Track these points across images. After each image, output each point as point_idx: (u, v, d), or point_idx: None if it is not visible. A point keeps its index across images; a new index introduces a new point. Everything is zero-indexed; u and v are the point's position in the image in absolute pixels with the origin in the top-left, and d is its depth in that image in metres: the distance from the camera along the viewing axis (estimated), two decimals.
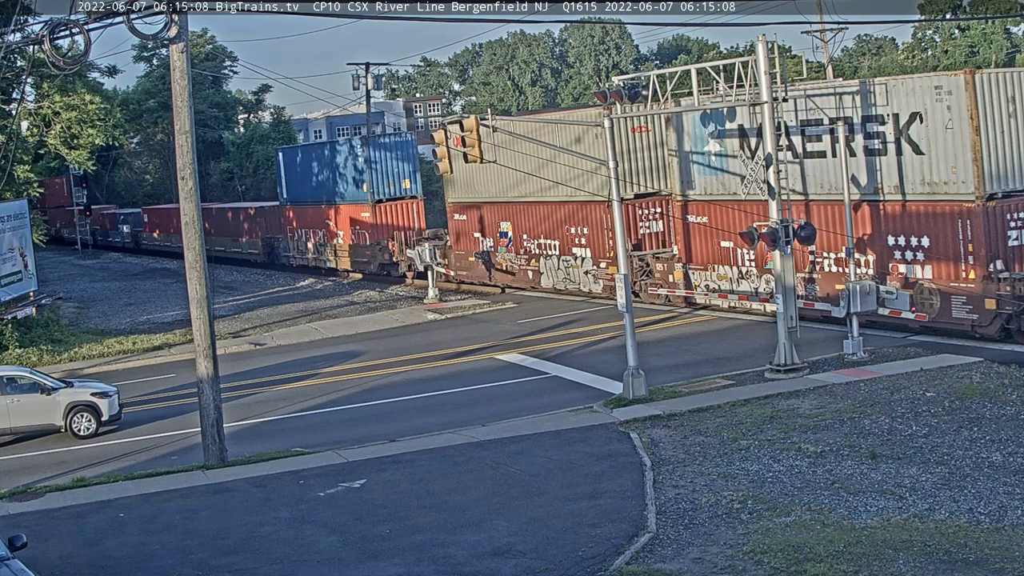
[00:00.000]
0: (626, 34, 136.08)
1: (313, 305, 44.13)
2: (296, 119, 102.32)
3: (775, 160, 25.25)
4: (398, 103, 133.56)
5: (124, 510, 19.03)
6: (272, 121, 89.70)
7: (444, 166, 28.56)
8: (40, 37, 21.82)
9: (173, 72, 21.64)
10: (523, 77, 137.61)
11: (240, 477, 20.56)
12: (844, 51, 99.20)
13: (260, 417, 26.32)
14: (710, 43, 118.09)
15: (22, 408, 25.23)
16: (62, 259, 73.79)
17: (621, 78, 28.13)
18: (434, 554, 15.64)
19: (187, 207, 21.89)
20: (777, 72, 25.36)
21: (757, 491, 17.24)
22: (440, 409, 25.50)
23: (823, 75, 46.91)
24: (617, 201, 25.26)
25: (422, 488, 18.96)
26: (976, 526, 15.13)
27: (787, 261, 25.39)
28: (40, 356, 34.76)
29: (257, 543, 16.79)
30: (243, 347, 36.00)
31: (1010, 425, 19.65)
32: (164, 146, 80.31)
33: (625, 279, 24.73)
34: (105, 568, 16.24)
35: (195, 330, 22.11)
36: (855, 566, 13.83)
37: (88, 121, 39.26)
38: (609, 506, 17.09)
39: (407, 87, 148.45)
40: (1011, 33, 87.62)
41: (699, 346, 29.93)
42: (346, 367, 31.54)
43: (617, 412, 23.07)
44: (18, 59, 37.03)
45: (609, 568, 14.56)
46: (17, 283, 37.52)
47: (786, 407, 22.19)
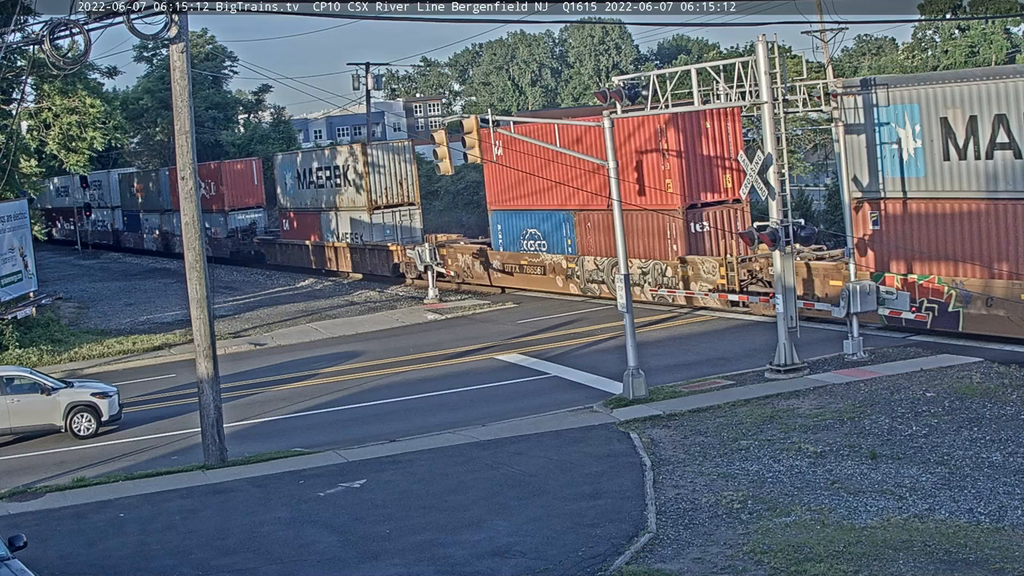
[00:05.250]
0: (626, 34, 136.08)
1: (313, 305, 44.12)
2: (296, 119, 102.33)
3: (775, 160, 25.26)
4: (398, 103, 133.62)
5: (124, 510, 19.03)
6: (272, 121, 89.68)
7: (445, 166, 28.58)
8: (40, 37, 21.84)
9: (173, 72, 21.64)
10: (523, 77, 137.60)
11: (240, 477, 20.56)
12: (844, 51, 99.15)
13: (260, 417, 26.32)
14: (710, 43, 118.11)
15: (22, 408, 25.22)
16: (62, 259, 73.77)
17: (621, 78, 28.11)
18: (434, 554, 15.64)
19: (187, 207, 21.89)
20: (777, 72, 25.36)
21: (757, 491, 17.24)
22: (440, 409, 25.50)
23: (823, 75, 46.84)
24: (617, 201, 25.25)
25: (422, 488, 18.96)
26: (976, 526, 15.13)
27: (787, 261, 25.40)
28: (40, 356, 34.76)
29: (257, 543, 16.79)
30: (243, 347, 36.00)
31: (1010, 425, 19.66)
32: (164, 146, 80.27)
33: (625, 279, 24.73)
34: (105, 568, 16.24)
35: (195, 330, 22.12)
36: (855, 566, 13.83)
37: (88, 123, 39.27)
38: (609, 506, 17.09)
39: (407, 87, 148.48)
40: (1011, 33, 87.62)
41: (699, 346, 29.94)
42: (346, 367, 31.54)
43: (617, 412, 23.07)
44: (18, 59, 37.01)
45: (609, 568, 14.56)
46: (17, 283, 37.53)
47: (786, 407, 22.19)
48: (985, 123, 25.19)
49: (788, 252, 25.34)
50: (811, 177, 61.54)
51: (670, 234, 34.20)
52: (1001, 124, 24.92)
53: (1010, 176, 25.00)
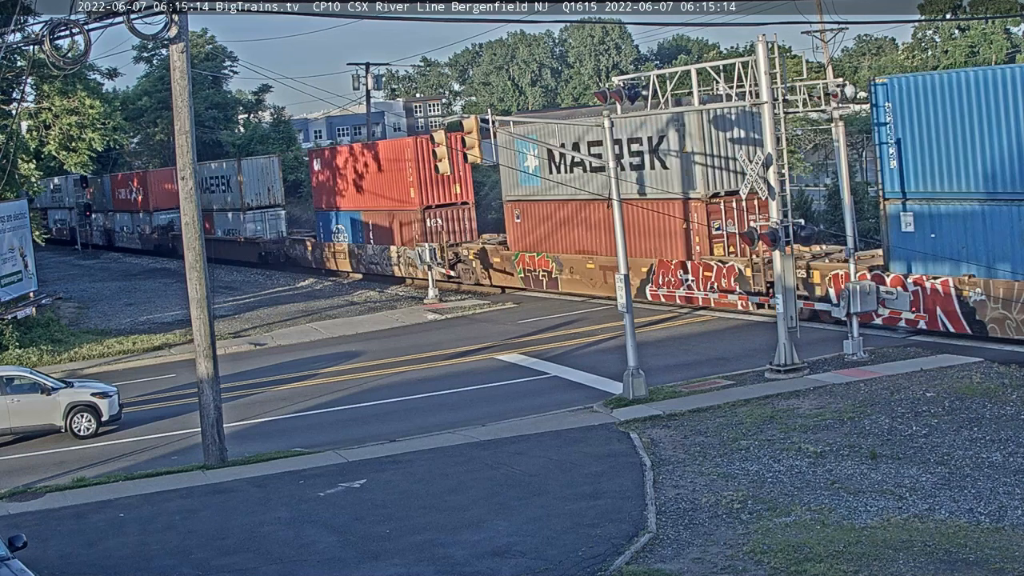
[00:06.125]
0: (626, 34, 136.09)
1: (313, 305, 44.13)
2: (296, 119, 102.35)
3: (775, 160, 25.25)
4: (398, 103, 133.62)
5: (124, 510, 19.03)
6: (272, 121, 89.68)
7: (444, 166, 28.58)
8: (40, 37, 21.82)
9: (173, 72, 21.64)
10: (523, 77, 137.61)
11: (240, 477, 20.56)
12: (844, 51, 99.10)
13: (260, 417, 26.32)
14: (710, 43, 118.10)
15: (22, 408, 25.22)
16: (62, 259, 73.80)
17: (621, 78, 28.11)
18: (434, 554, 15.64)
19: (187, 207, 21.89)
20: (777, 72, 25.37)
21: (757, 491, 17.24)
22: (440, 409, 25.50)
23: (823, 75, 46.85)
24: (617, 201, 25.26)
25: (422, 488, 18.96)
26: (976, 526, 15.13)
27: (787, 261, 25.39)
28: (40, 356, 34.76)
29: (257, 543, 16.79)
30: (243, 347, 36.01)
31: (1010, 425, 19.66)
32: (164, 146, 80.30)
33: (625, 279, 24.73)
34: (105, 568, 16.24)
35: (195, 330, 22.12)
36: (855, 566, 13.84)
37: (88, 124, 39.26)
38: (609, 506, 17.09)
39: (407, 87, 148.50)
40: (1011, 33, 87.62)
41: (699, 346, 29.94)
42: (346, 367, 31.54)
43: (617, 412, 23.07)
44: (18, 59, 37.00)
45: (609, 568, 14.56)
46: (17, 283, 37.52)
47: (786, 407, 22.19)
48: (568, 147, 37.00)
49: (788, 252, 25.33)
50: (811, 177, 61.55)
51: (414, 227, 46.35)
52: (576, 149, 36.10)
53: None
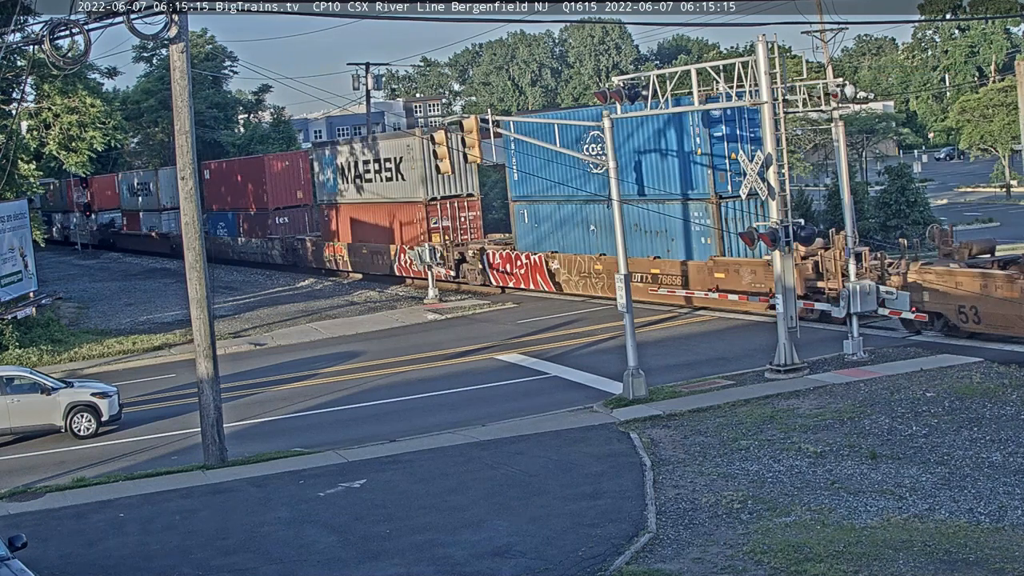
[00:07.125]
0: (626, 34, 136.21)
1: (313, 305, 44.14)
2: (296, 119, 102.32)
3: (775, 160, 25.25)
4: (398, 103, 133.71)
5: (124, 510, 19.03)
6: (272, 121, 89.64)
7: (445, 166, 28.59)
8: (40, 37, 21.79)
9: (173, 72, 21.64)
10: (523, 77, 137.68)
11: (240, 477, 20.56)
12: (844, 51, 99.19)
13: (260, 417, 26.32)
14: (710, 43, 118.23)
15: (22, 408, 25.21)
16: (62, 259, 73.82)
17: (621, 78, 28.13)
18: (434, 554, 15.64)
19: (187, 207, 21.88)
20: (777, 72, 25.36)
21: (757, 491, 17.24)
22: (440, 409, 25.50)
23: (823, 75, 46.88)
24: (618, 201, 25.26)
25: (422, 488, 18.96)
26: (976, 526, 15.13)
27: (787, 261, 25.38)
28: (40, 356, 34.75)
29: (257, 543, 16.79)
30: (243, 347, 36.00)
31: (1010, 425, 19.66)
32: (164, 146, 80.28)
33: (626, 279, 24.72)
34: (105, 568, 16.24)
35: (195, 330, 22.11)
36: (855, 566, 13.84)
37: (88, 123, 39.25)
38: (609, 506, 17.09)
39: (407, 87, 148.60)
40: (1011, 33, 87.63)
41: (699, 346, 29.94)
42: (346, 367, 31.54)
43: (617, 412, 23.07)
44: (18, 59, 37.00)
45: (609, 568, 14.56)
46: (17, 283, 37.50)
47: (786, 407, 22.19)
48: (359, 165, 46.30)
49: (788, 252, 25.32)
50: (811, 177, 61.58)
51: (269, 222, 57.98)
52: None
53: None
